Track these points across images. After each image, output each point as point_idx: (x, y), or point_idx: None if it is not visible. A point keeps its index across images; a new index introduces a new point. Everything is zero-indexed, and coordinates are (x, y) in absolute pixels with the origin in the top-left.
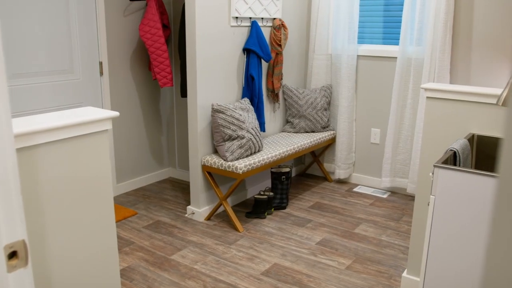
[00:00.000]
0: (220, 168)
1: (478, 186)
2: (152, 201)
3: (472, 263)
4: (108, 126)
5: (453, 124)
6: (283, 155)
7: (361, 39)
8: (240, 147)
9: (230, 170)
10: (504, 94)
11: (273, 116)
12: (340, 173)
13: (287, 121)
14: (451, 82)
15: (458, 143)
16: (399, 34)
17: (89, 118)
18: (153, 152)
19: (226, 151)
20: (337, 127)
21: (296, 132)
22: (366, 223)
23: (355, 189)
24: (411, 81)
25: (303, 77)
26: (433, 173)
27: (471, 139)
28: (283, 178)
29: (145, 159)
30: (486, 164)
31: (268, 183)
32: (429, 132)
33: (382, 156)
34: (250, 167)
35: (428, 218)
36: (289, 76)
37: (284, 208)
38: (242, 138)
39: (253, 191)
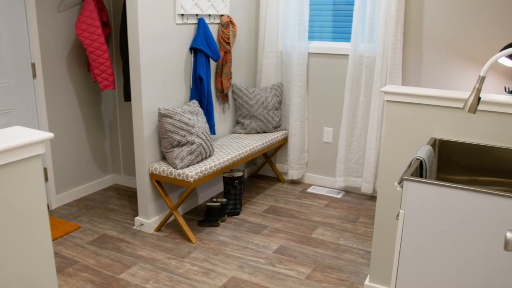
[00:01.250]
0: (170, 176)
1: (450, 199)
2: (96, 212)
3: (444, 277)
4: (41, 150)
5: (415, 128)
6: (235, 159)
7: (312, 36)
8: (190, 153)
9: (180, 178)
10: (471, 100)
11: (223, 117)
12: (293, 174)
13: (238, 122)
14: (403, 80)
15: (424, 151)
16: (351, 31)
17: (17, 143)
18: (95, 158)
19: (175, 158)
20: (289, 127)
21: (247, 133)
22: (323, 226)
23: (309, 190)
24: (363, 79)
25: (252, 76)
26: (399, 184)
27: (433, 144)
28: (236, 183)
29: (87, 166)
30: (449, 170)
31: (220, 187)
32: (390, 137)
33: (335, 155)
34: (201, 174)
35: (398, 232)
36: (238, 75)
37: (238, 213)
38: (192, 143)
39: (204, 197)
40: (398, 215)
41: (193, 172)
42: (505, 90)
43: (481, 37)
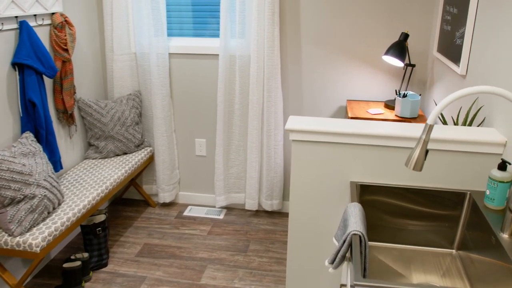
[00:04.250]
0: (5, 247)
1: None
2: None
3: None
4: None
5: (329, 170)
6: (94, 202)
7: (172, 32)
8: (31, 211)
9: (21, 249)
10: (417, 155)
11: (70, 143)
12: (165, 197)
13: (90, 145)
14: (282, 83)
15: (357, 218)
16: (219, 25)
17: None
18: None
19: (9, 221)
20: (154, 143)
21: (104, 158)
22: (212, 265)
23: (186, 213)
24: (238, 83)
25: (102, 86)
26: (331, 264)
27: (354, 190)
28: (99, 230)
29: None
30: (373, 218)
31: (77, 230)
32: (299, 180)
33: (211, 170)
34: (51, 238)
35: None
36: (84, 87)
37: (106, 265)
38: (32, 197)
39: (58, 248)
40: None
41: (39, 238)
42: (396, 94)
43: (363, 32)
